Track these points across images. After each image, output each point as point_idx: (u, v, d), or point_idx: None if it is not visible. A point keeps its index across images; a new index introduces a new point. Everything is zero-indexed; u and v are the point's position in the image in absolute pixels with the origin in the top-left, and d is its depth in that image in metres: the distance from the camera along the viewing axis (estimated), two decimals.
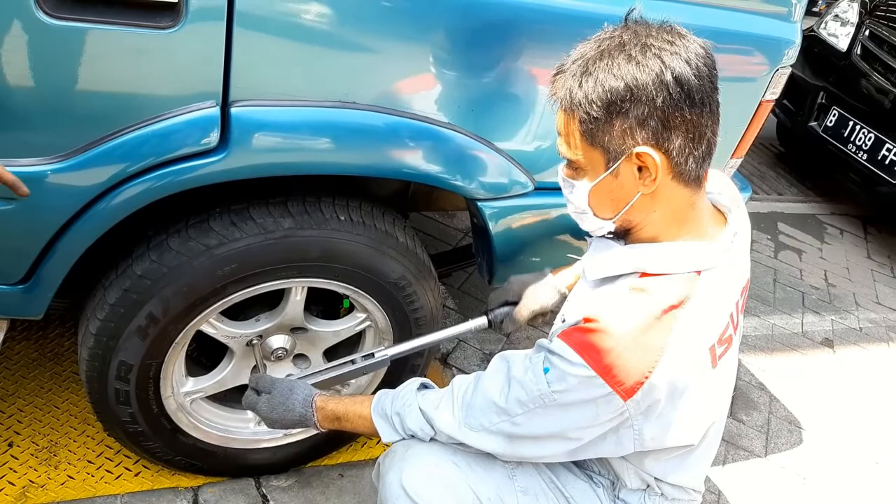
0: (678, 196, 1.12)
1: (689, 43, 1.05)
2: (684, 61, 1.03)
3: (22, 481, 1.66)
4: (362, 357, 1.59)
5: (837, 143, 4.04)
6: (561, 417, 1.12)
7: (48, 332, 2.03)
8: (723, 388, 1.26)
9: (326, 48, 1.24)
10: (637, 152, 1.06)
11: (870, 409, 2.84)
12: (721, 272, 1.17)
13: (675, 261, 1.14)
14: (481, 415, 1.19)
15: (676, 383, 1.10)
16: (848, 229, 4.35)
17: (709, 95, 1.06)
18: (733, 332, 1.23)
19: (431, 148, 1.41)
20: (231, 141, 1.23)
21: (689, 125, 1.05)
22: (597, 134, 1.08)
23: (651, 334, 1.09)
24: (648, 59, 1.03)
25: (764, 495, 2.28)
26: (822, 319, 3.35)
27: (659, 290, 1.12)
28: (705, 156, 1.10)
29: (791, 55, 1.71)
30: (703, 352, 1.14)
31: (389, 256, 1.55)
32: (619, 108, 1.04)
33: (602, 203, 1.15)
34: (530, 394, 1.13)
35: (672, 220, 1.15)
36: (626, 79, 1.03)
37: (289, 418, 1.42)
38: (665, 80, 1.02)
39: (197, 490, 1.74)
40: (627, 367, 1.07)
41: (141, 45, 1.11)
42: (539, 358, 1.14)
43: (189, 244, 1.37)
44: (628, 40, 1.05)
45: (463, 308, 2.64)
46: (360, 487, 1.84)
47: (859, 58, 4.00)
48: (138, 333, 1.42)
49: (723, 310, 1.18)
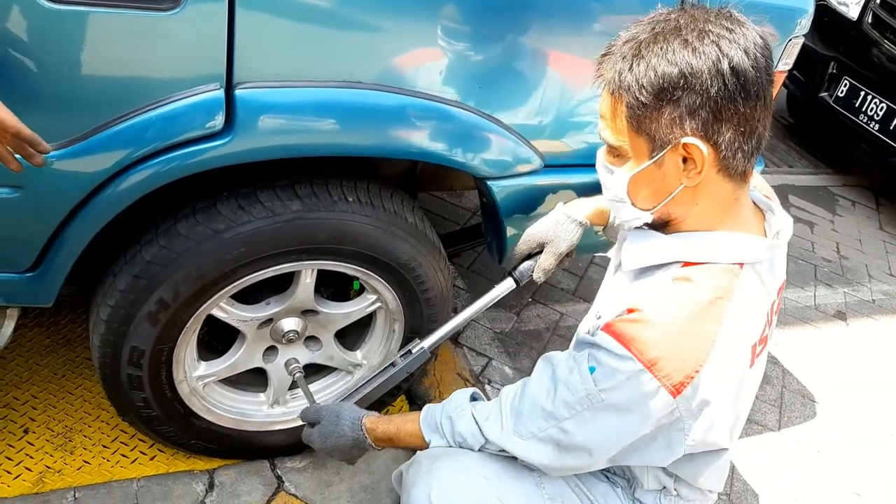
0: (722, 190, 1.07)
1: (748, 31, 1.00)
2: (743, 50, 0.98)
3: (38, 467, 1.67)
4: (401, 357, 1.57)
5: (848, 114, 3.99)
6: (610, 421, 1.08)
7: (60, 319, 2.04)
8: (755, 388, 1.23)
9: (330, 27, 1.22)
10: (684, 143, 1.01)
11: (883, 381, 2.83)
12: (762, 269, 1.13)
13: (718, 250, 1.09)
14: (529, 421, 1.16)
15: (723, 381, 1.07)
16: (860, 201, 4.31)
17: (764, 88, 1.01)
18: (769, 332, 1.19)
19: (438, 126, 1.39)
20: (236, 123, 1.22)
21: (741, 118, 1.00)
22: (643, 120, 1.02)
23: (700, 325, 1.04)
24: (706, 45, 0.98)
25: (778, 469, 2.28)
26: (834, 292, 3.33)
27: (704, 280, 1.07)
28: (754, 150, 1.05)
29: (804, 24, 1.68)
30: (747, 349, 1.11)
31: (398, 237, 1.54)
32: (670, 95, 0.99)
33: (642, 193, 1.10)
34: (577, 394, 1.08)
35: (714, 215, 1.10)
36: (681, 65, 0.98)
37: (343, 444, 1.41)
38: (721, 70, 0.97)
39: (213, 472, 1.75)
40: (676, 360, 1.03)
41: (142, 28, 1.09)
42: (583, 356, 1.10)
43: (197, 229, 1.37)
44: (685, 24, 1.00)
45: (473, 287, 2.63)
46: (374, 467, 1.85)
47: (870, 26, 3.93)
48: (149, 319, 1.42)
49: (763, 308, 1.14)
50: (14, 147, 1.02)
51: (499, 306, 2.58)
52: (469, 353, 2.33)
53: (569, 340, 1.47)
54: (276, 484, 1.77)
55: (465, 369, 2.27)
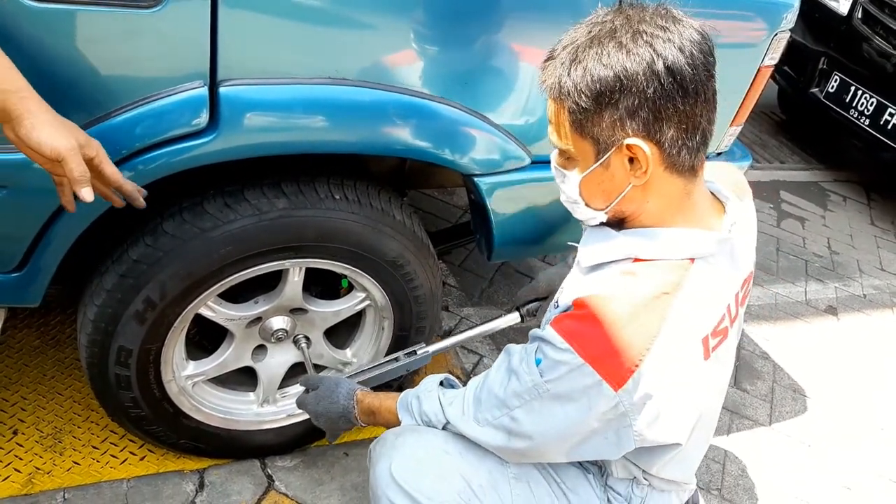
0: (672, 186, 1.09)
1: (683, 28, 1.01)
2: (677, 49, 0.99)
3: (28, 468, 1.67)
4: (405, 354, 1.63)
5: (839, 109, 4.00)
6: (556, 411, 1.10)
7: (49, 320, 2.03)
8: (716, 380, 1.23)
9: (314, 23, 1.21)
10: (628, 144, 1.03)
11: (874, 375, 2.84)
12: (717, 262, 1.14)
13: (667, 247, 1.11)
14: (486, 409, 1.19)
15: (668, 373, 1.08)
16: (851, 196, 4.32)
17: (703, 84, 1.02)
18: (730, 324, 1.20)
19: (424, 123, 1.39)
20: (221, 121, 1.21)
21: (681, 116, 1.02)
22: (586, 124, 1.05)
23: (641, 321, 1.06)
24: (639, 47, 0.99)
25: (769, 463, 2.29)
26: (825, 287, 3.34)
27: (649, 275, 1.09)
28: (700, 146, 1.06)
29: (790, 19, 1.68)
30: (696, 342, 1.11)
31: (387, 235, 1.54)
32: (608, 98, 1.01)
33: (593, 193, 1.12)
34: (524, 385, 1.11)
35: (667, 210, 1.12)
36: (616, 68, 0.99)
37: (333, 410, 1.46)
38: (656, 70, 0.99)
39: (203, 472, 1.75)
40: (615, 355, 1.04)
41: (124, 26, 1.09)
42: (533, 348, 1.13)
43: (184, 227, 1.36)
44: (619, 26, 1.01)
45: (464, 285, 2.63)
46: (365, 466, 1.83)
47: (860, 21, 3.94)
48: (136, 318, 1.41)
49: (719, 300, 1.15)
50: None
51: (490, 303, 2.59)
52: (461, 351, 2.33)
53: None
54: (266, 483, 1.76)
55: (456, 367, 2.27)
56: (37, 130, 0.99)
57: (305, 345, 1.71)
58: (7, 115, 0.98)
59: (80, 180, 1.03)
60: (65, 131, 1.02)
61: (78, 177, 1.03)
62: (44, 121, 1.00)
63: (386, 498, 1.23)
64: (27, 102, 0.99)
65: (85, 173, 1.03)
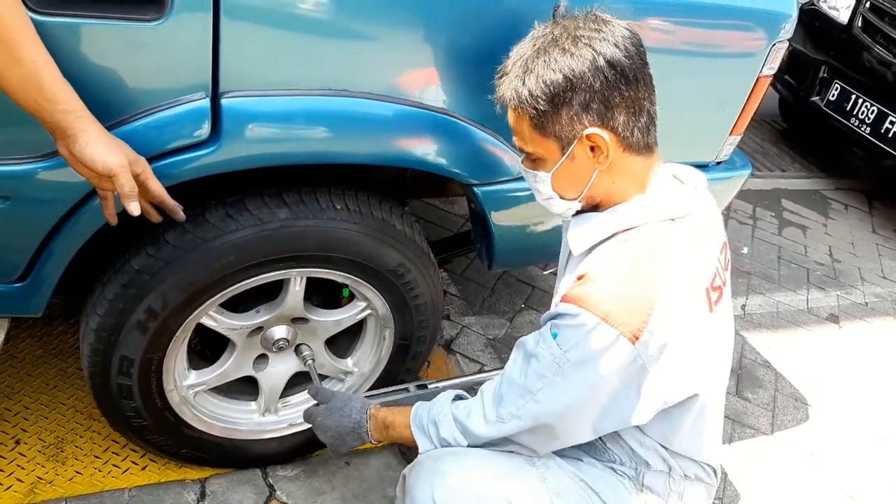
0: (633, 165, 1.20)
1: (614, 27, 1.14)
2: (613, 45, 1.12)
3: (30, 478, 1.67)
4: (416, 386, 1.65)
5: (840, 118, 4.01)
6: (578, 378, 1.15)
7: (51, 329, 2.04)
8: (722, 335, 1.31)
9: (315, 35, 1.23)
10: (587, 134, 1.15)
11: (876, 383, 2.83)
12: (695, 221, 1.23)
13: (647, 211, 1.21)
14: (509, 401, 1.23)
15: (678, 324, 1.15)
16: (852, 204, 4.32)
17: (640, 70, 1.15)
18: (722, 284, 1.28)
19: (425, 134, 1.40)
20: (222, 132, 1.22)
21: (628, 101, 1.14)
22: (546, 125, 1.16)
23: (640, 277, 1.15)
24: (581, 49, 1.11)
25: (771, 472, 2.28)
26: (827, 295, 3.33)
27: (638, 238, 1.19)
28: (648, 124, 1.19)
29: (788, 29, 1.69)
30: (700, 293, 1.20)
31: (388, 244, 1.55)
32: (562, 98, 1.13)
33: (565, 186, 1.23)
34: (544, 361, 1.17)
35: (634, 186, 1.22)
36: (564, 71, 1.11)
37: (344, 424, 1.49)
38: (599, 66, 1.11)
39: (204, 482, 1.75)
40: (626, 310, 1.12)
41: (127, 39, 1.10)
42: (546, 328, 1.20)
43: (185, 237, 1.37)
44: (560, 35, 1.13)
45: (465, 294, 2.64)
46: (367, 475, 1.85)
47: (860, 30, 3.95)
48: (138, 328, 1.42)
49: (707, 256, 1.24)
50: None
51: (491, 312, 2.59)
52: (462, 360, 2.33)
53: None
54: (267, 492, 1.76)
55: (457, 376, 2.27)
56: (90, 147, 1.05)
57: (310, 354, 1.71)
58: (63, 132, 1.05)
59: (129, 195, 1.11)
60: (116, 149, 1.09)
61: (128, 192, 1.11)
62: (97, 139, 1.06)
63: None
64: (82, 122, 1.05)
65: (134, 189, 1.12)
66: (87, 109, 1.06)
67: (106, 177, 1.08)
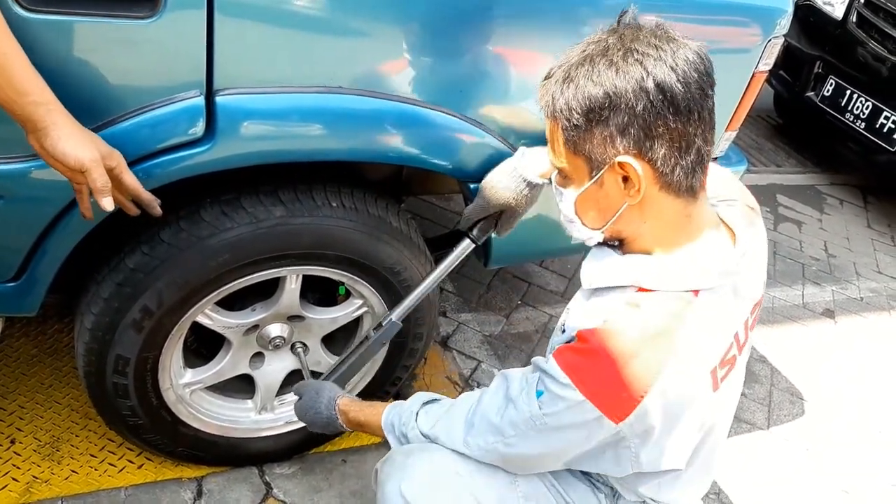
0: (669, 207, 1.07)
1: (678, 48, 1.01)
2: (669, 67, 0.99)
3: (25, 477, 1.67)
4: (373, 330, 1.61)
5: (835, 113, 4.01)
6: (553, 438, 1.11)
7: (46, 328, 2.03)
8: (723, 410, 1.23)
9: (309, 32, 1.22)
10: (619, 161, 1.03)
11: (872, 378, 2.84)
12: (724, 293, 1.12)
13: (671, 277, 1.09)
14: (479, 435, 1.19)
15: (673, 407, 1.07)
16: (847, 199, 4.33)
17: (697, 102, 1.01)
18: (738, 352, 1.18)
19: (421, 131, 1.39)
20: (217, 130, 1.22)
21: (673, 134, 1.01)
22: (579, 142, 1.05)
23: (645, 356, 1.05)
24: (630, 64, 0.99)
25: (767, 467, 2.29)
26: (822, 290, 3.34)
27: (653, 308, 1.07)
28: (695, 165, 1.05)
29: (784, 25, 1.69)
30: (704, 375, 1.10)
31: (384, 242, 1.54)
32: (598, 115, 1.01)
33: (589, 212, 1.12)
34: (522, 415, 1.11)
35: (666, 232, 1.10)
36: (606, 85, 1.00)
37: (318, 421, 1.49)
38: (646, 87, 0.98)
39: (201, 480, 1.75)
40: (618, 391, 1.04)
41: (120, 36, 1.09)
42: (534, 378, 1.12)
43: (180, 236, 1.37)
44: (612, 45, 1.02)
45: (462, 291, 2.63)
46: (363, 472, 1.85)
47: (855, 25, 3.95)
48: (133, 327, 1.41)
49: (726, 331, 1.14)
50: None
51: (488, 309, 2.59)
52: (458, 357, 2.34)
53: None
54: (264, 490, 1.76)
55: (454, 372, 2.27)
56: (62, 142, 1.03)
57: (302, 351, 1.71)
58: (34, 125, 1.02)
59: (102, 190, 1.08)
60: (89, 143, 1.06)
61: (101, 187, 1.08)
62: (69, 133, 1.04)
63: None
64: (53, 115, 1.03)
65: (107, 184, 1.09)
66: (58, 102, 1.03)
67: (79, 172, 1.06)
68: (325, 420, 1.47)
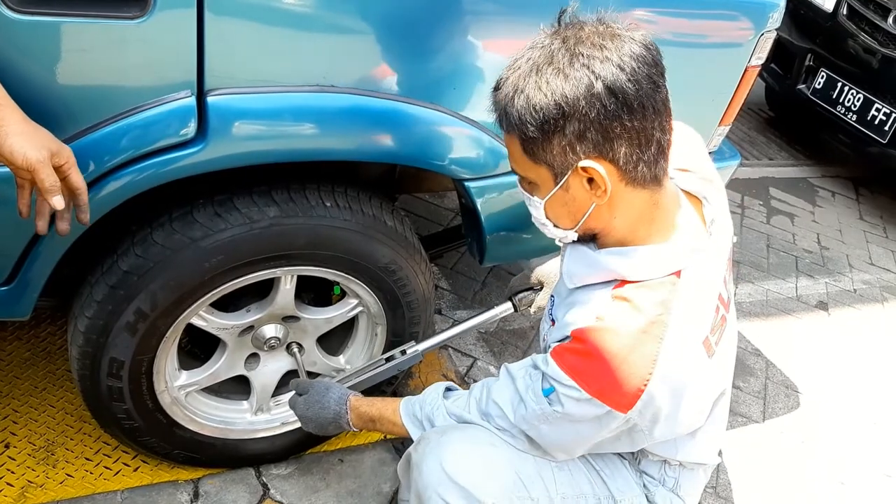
0: (637, 199, 1.09)
1: (623, 44, 0.99)
2: (617, 66, 0.97)
3: (20, 482, 1.66)
4: (400, 352, 1.64)
5: (826, 105, 4.02)
6: (567, 428, 1.16)
7: (40, 331, 2.02)
8: (723, 366, 1.26)
9: (301, 31, 1.21)
10: (582, 167, 1.03)
11: (866, 369, 2.85)
12: (702, 263, 1.14)
13: (652, 266, 1.11)
14: (499, 423, 1.24)
15: (675, 385, 1.10)
16: (839, 191, 4.35)
17: (650, 97, 1.00)
18: (725, 311, 1.21)
19: (414, 128, 1.39)
20: (209, 130, 1.21)
21: (631, 132, 1.01)
22: (537, 152, 1.05)
23: (641, 349, 1.07)
24: (576, 70, 0.98)
25: (763, 460, 2.30)
26: (816, 283, 3.35)
27: (642, 299, 1.09)
28: (657, 156, 1.05)
29: (776, 18, 1.69)
30: (698, 348, 1.13)
31: (378, 241, 1.54)
32: (553, 125, 1.00)
33: (559, 215, 1.14)
34: (531, 412, 1.16)
35: (637, 222, 1.12)
36: (556, 96, 0.99)
37: (323, 416, 1.47)
38: (596, 92, 0.97)
39: (197, 482, 1.74)
40: (621, 385, 1.07)
41: (110, 37, 1.08)
42: (538, 376, 1.16)
43: (174, 237, 1.36)
44: (557, 50, 1.00)
45: (457, 288, 2.63)
46: (360, 472, 1.85)
47: (845, 18, 3.96)
48: (127, 329, 1.41)
49: (711, 299, 1.17)
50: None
51: (483, 305, 2.58)
52: (454, 354, 2.33)
53: None
54: (261, 491, 1.76)
55: (450, 370, 2.27)
56: (10, 140, 1.00)
57: (297, 349, 1.71)
58: None
59: (50, 190, 1.04)
60: (37, 141, 1.02)
61: (48, 187, 1.04)
62: (17, 130, 1.00)
63: (438, 496, 1.22)
64: (1, 110, 1.00)
65: (55, 184, 1.04)
66: (9, 98, 1.01)
67: (25, 170, 1.03)
68: (331, 416, 1.46)
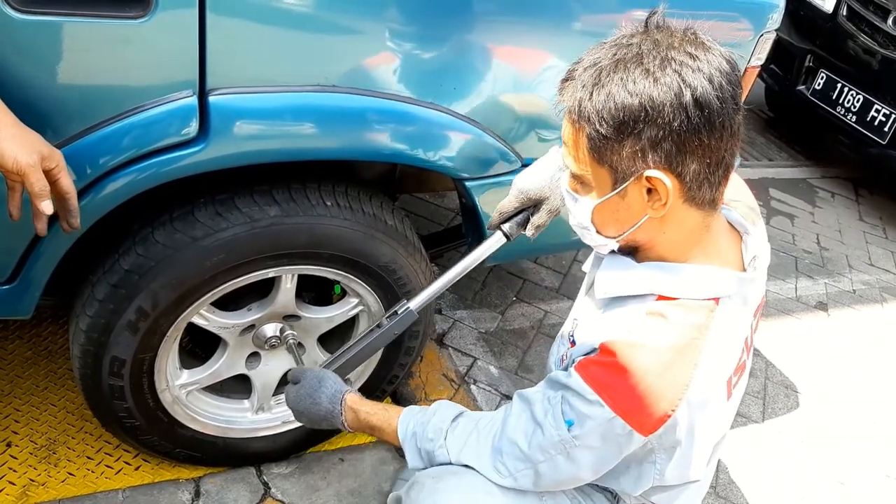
0: (690, 219, 1.04)
1: (713, 57, 0.95)
2: (707, 79, 0.93)
3: (22, 480, 1.66)
4: (386, 318, 1.47)
5: (826, 106, 4.03)
6: (584, 458, 1.09)
7: (41, 331, 2.02)
8: (732, 412, 1.23)
9: (303, 31, 1.22)
10: (647, 176, 0.98)
11: (865, 370, 2.86)
12: (737, 300, 1.10)
13: (692, 286, 1.06)
14: (508, 462, 1.15)
15: (696, 420, 1.06)
16: (839, 192, 4.35)
17: (730, 117, 0.96)
18: (747, 356, 1.18)
19: (414, 128, 1.39)
20: (211, 130, 1.22)
21: (706, 150, 0.96)
22: (605, 152, 0.99)
23: (675, 369, 1.03)
24: (667, 75, 0.93)
25: (763, 460, 2.30)
26: (815, 283, 3.36)
27: (679, 318, 1.04)
28: (721, 179, 1.01)
29: (775, 19, 1.70)
30: (722, 385, 1.10)
31: (378, 240, 1.54)
32: (631, 128, 0.95)
33: (606, 221, 1.07)
34: (550, 439, 1.09)
35: (683, 242, 1.07)
36: (642, 97, 0.94)
37: (314, 412, 1.36)
38: (684, 102, 0.93)
39: (198, 481, 1.74)
40: (649, 406, 1.02)
41: (112, 37, 1.09)
42: (557, 398, 1.08)
43: (175, 236, 1.36)
44: (647, 51, 0.95)
45: (457, 288, 2.63)
46: (361, 471, 1.85)
47: (845, 19, 3.97)
48: (129, 328, 1.41)
49: (739, 338, 1.13)
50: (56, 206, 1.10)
51: (483, 306, 2.59)
52: (454, 354, 2.34)
53: (553, 339, 1.48)
54: (262, 490, 1.76)
55: (450, 370, 2.27)
56: (1, 143, 0.99)
57: (293, 342, 1.67)
58: None
59: (40, 195, 1.04)
60: (28, 144, 1.02)
61: (38, 192, 1.03)
62: (7, 134, 1.00)
63: None
64: None
65: (45, 188, 1.04)
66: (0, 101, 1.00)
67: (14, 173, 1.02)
68: (323, 413, 1.35)
